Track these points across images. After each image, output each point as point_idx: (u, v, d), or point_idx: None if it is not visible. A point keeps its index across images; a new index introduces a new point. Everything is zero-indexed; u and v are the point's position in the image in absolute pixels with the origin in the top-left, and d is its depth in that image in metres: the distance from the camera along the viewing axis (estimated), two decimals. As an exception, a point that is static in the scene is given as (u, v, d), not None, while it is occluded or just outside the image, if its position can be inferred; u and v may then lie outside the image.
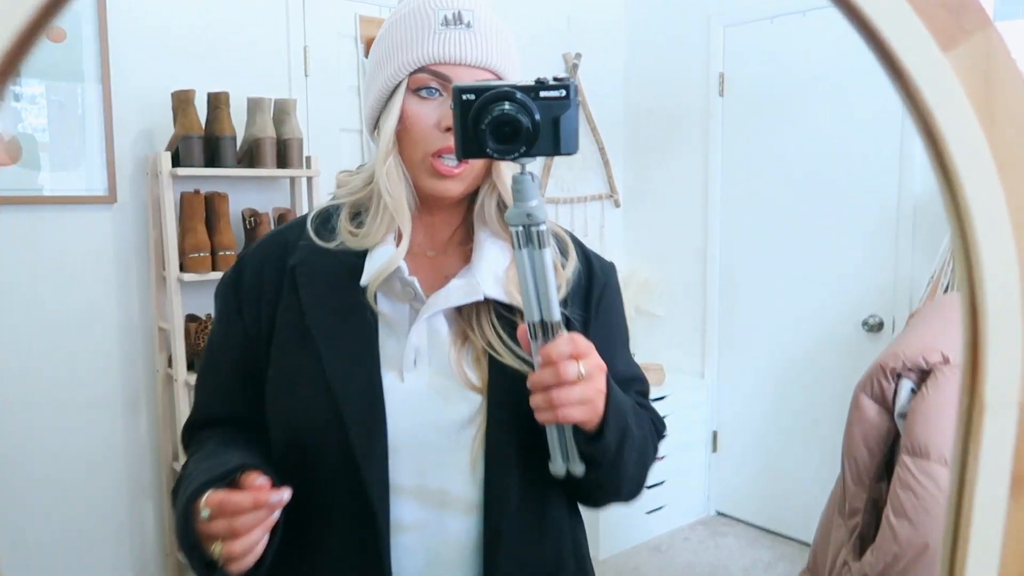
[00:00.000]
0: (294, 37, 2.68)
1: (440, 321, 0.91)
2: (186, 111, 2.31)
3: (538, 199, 0.69)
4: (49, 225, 2.30)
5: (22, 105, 2.23)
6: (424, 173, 0.88)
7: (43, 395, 2.32)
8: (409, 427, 0.87)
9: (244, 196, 2.55)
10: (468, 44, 0.87)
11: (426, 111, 0.87)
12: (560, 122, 0.68)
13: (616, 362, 0.94)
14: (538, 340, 0.74)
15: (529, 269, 0.70)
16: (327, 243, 0.91)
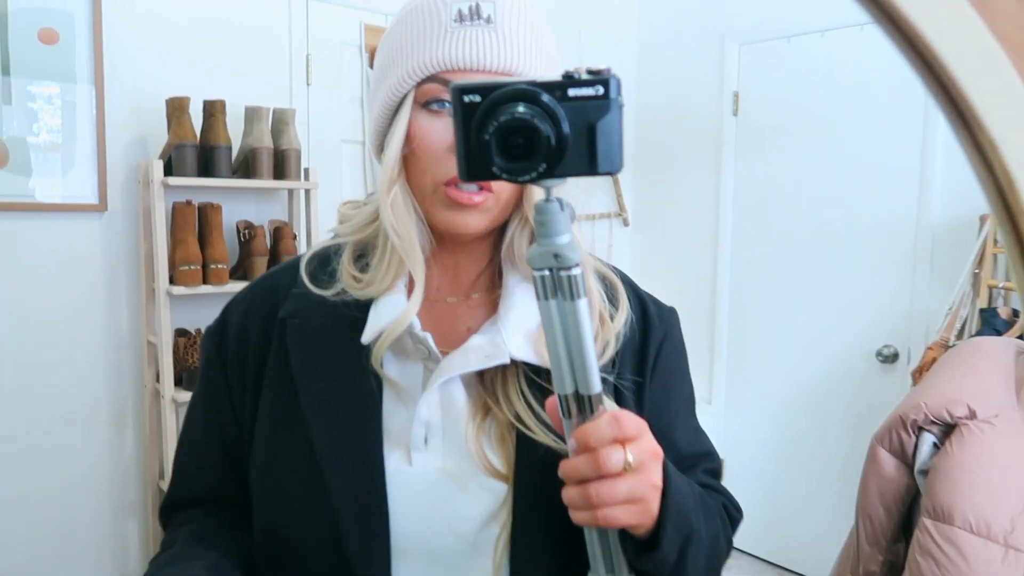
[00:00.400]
0: (296, 45, 2.60)
1: (457, 388, 0.74)
2: (180, 119, 2.23)
3: (569, 234, 0.53)
4: (37, 233, 2.23)
5: (13, 108, 2.16)
6: (437, 204, 0.72)
7: (25, 407, 2.24)
8: (417, 526, 0.71)
9: (239, 208, 2.47)
10: (487, 44, 0.70)
11: (437, 129, 0.71)
12: (597, 130, 0.50)
13: (676, 434, 0.79)
14: (572, 418, 0.57)
15: (558, 326, 0.54)
16: (325, 291, 0.75)
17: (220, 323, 0.82)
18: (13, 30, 2.14)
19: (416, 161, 0.72)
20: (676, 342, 0.84)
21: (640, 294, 0.85)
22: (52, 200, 2.24)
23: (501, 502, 0.72)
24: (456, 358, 0.73)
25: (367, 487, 0.71)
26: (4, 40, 2.13)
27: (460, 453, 0.73)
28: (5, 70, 2.14)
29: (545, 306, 0.54)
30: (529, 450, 0.72)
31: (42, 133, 2.21)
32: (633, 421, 0.58)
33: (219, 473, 0.81)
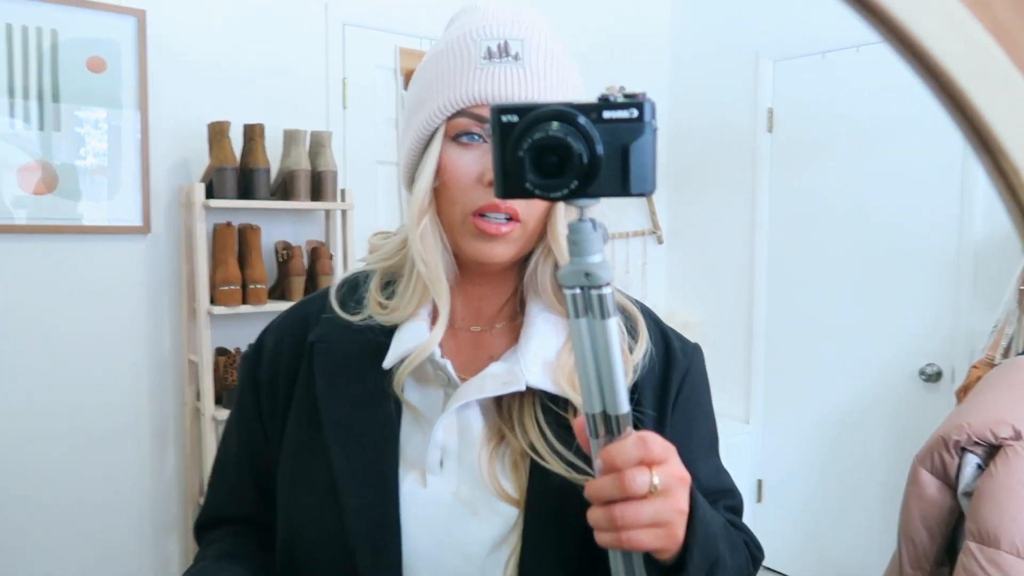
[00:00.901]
0: (333, 69, 2.66)
1: (475, 415, 0.76)
2: (221, 142, 2.29)
3: (601, 254, 0.53)
4: (84, 254, 2.30)
5: (62, 134, 2.23)
6: (466, 235, 0.74)
7: (70, 425, 2.29)
8: (428, 546, 0.73)
9: (277, 229, 2.52)
10: (515, 81, 0.73)
11: (466, 161, 0.73)
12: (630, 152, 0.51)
13: (698, 470, 0.78)
14: (599, 438, 0.57)
15: (588, 344, 0.55)
16: (352, 316, 0.78)
17: (256, 349, 0.85)
18: (63, 59, 2.22)
19: (446, 193, 0.75)
20: (699, 378, 0.84)
21: (663, 328, 0.85)
22: (98, 223, 2.31)
23: (511, 527, 0.73)
24: (473, 384, 0.75)
25: (381, 509, 0.72)
26: (55, 69, 2.21)
27: (474, 478, 0.75)
28: (55, 97, 2.22)
29: (576, 324, 0.55)
30: (541, 477, 0.73)
31: (89, 158, 2.28)
32: (660, 443, 0.58)
33: (249, 494, 0.84)
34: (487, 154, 0.73)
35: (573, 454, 0.73)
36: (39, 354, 2.24)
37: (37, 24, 2.19)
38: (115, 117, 2.31)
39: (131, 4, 2.30)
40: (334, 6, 2.64)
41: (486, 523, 0.73)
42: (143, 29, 2.31)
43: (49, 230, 2.24)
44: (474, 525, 0.73)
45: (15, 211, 2.19)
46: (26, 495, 2.24)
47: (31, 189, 2.21)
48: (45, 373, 2.25)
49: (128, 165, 2.33)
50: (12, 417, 2.22)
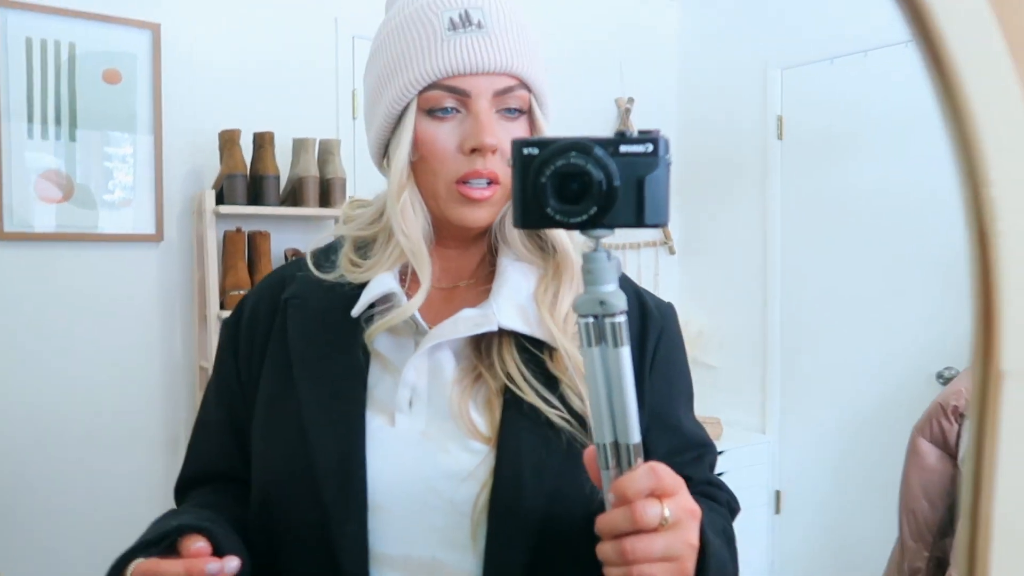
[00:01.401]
0: (343, 80, 2.71)
1: (447, 357, 0.78)
2: (231, 150, 2.34)
3: (615, 284, 0.55)
4: (98, 262, 2.34)
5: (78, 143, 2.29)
6: (451, 203, 0.77)
7: (82, 430, 2.32)
8: (395, 481, 0.73)
9: (287, 235, 2.56)
10: (483, 48, 0.74)
11: (444, 133, 0.76)
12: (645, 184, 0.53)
13: (684, 424, 0.83)
14: (610, 469, 0.57)
15: (601, 373, 0.55)
16: (325, 275, 0.81)
17: (235, 313, 0.88)
18: (80, 71, 2.29)
19: (426, 165, 0.77)
20: (675, 336, 0.86)
21: (638, 290, 0.87)
22: (113, 231, 2.36)
23: (480, 462, 0.73)
24: (446, 326, 0.77)
25: (346, 446, 0.73)
26: (72, 81, 2.28)
27: (443, 417, 0.76)
28: (72, 108, 2.28)
29: (588, 353, 0.56)
30: (515, 414, 0.74)
31: (104, 166, 2.34)
32: (670, 475, 0.57)
33: (228, 452, 0.85)
34: (462, 123, 0.75)
35: (549, 392, 0.75)
36: (53, 359, 2.28)
37: (56, 38, 2.26)
38: (129, 127, 2.37)
39: (147, 18, 2.37)
40: (344, 20, 2.70)
41: (454, 458, 0.74)
42: (158, 42, 2.38)
43: (65, 238, 2.29)
44: (442, 460, 0.74)
45: (33, 219, 2.25)
46: (38, 499, 2.27)
47: (48, 198, 2.26)
48: (58, 378, 2.29)
49: (142, 173, 2.39)
50: (25, 421, 2.25)
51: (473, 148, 0.74)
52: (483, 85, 0.75)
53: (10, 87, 2.20)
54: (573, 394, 0.75)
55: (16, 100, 2.21)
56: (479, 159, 0.74)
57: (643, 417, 0.79)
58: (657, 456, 0.79)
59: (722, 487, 0.85)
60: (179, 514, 0.75)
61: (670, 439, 0.81)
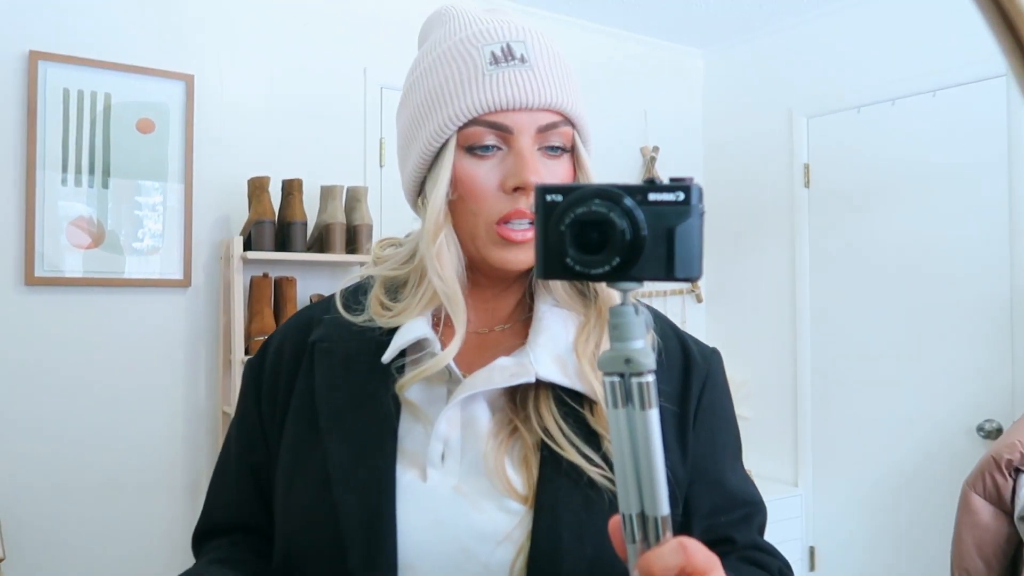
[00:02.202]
0: (371, 129, 2.74)
1: (481, 408, 0.73)
2: (260, 197, 2.36)
3: (643, 340, 0.51)
4: (126, 307, 2.36)
5: (110, 191, 2.32)
6: (490, 245, 0.73)
7: (104, 473, 2.30)
8: (426, 540, 0.68)
9: (313, 282, 2.56)
10: (526, 83, 0.71)
11: (485, 171, 0.72)
12: (675, 235, 0.49)
13: (729, 481, 0.77)
14: (636, 542, 0.53)
15: (627, 437, 0.51)
16: (354, 317, 0.77)
17: (259, 354, 0.84)
18: (115, 121, 2.34)
19: (464, 205, 0.73)
20: (720, 383, 0.81)
21: (680, 334, 0.82)
22: (142, 276, 2.37)
23: (516, 524, 0.68)
24: (481, 376, 0.72)
25: (375, 501, 0.69)
26: (106, 130, 2.32)
27: (478, 473, 0.71)
28: (106, 156, 2.32)
29: (614, 415, 0.51)
30: (553, 472, 0.69)
31: (135, 214, 2.37)
32: (702, 553, 0.52)
33: (248, 501, 0.81)
34: (504, 161, 0.72)
35: (590, 448, 0.70)
36: (78, 401, 2.28)
37: (92, 88, 2.31)
38: (161, 175, 2.40)
39: (181, 69, 2.43)
40: (373, 70, 2.74)
41: (489, 518, 0.69)
42: (191, 92, 2.43)
43: (93, 283, 2.30)
44: (476, 519, 0.69)
45: (63, 265, 2.27)
46: (59, 541, 2.24)
47: (79, 244, 2.29)
48: (82, 420, 2.28)
49: (172, 220, 2.41)
50: (49, 462, 2.24)
51: (516, 187, 0.70)
52: (526, 121, 0.71)
53: (47, 136, 2.25)
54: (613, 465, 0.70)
55: (52, 149, 2.25)
56: (522, 198, 0.71)
57: (686, 471, 0.75)
58: (700, 514, 0.74)
59: (773, 552, 0.79)
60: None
61: (714, 496, 0.76)
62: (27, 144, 2.22)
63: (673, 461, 0.73)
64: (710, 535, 0.75)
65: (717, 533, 0.76)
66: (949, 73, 2.75)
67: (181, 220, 2.42)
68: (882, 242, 2.97)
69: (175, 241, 2.42)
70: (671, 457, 0.73)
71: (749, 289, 3.44)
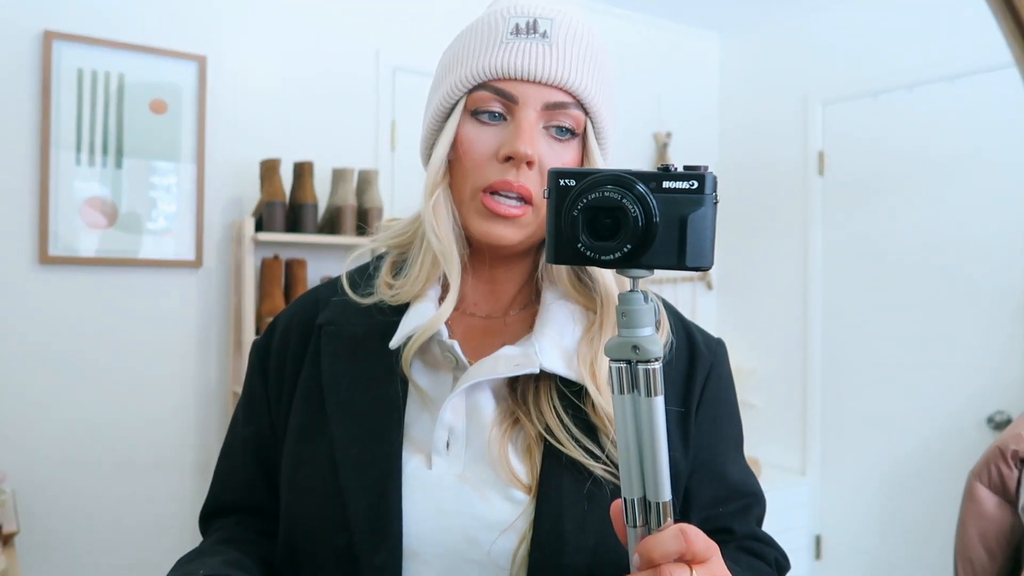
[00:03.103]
0: (383, 112, 2.74)
1: (486, 397, 0.73)
2: (272, 179, 2.36)
3: (652, 328, 0.51)
4: (139, 287, 2.38)
5: (123, 171, 2.34)
6: (473, 212, 0.72)
7: (116, 451, 2.34)
8: (431, 529, 0.69)
9: (323, 264, 2.57)
10: (540, 56, 0.70)
11: (483, 137, 0.71)
12: (688, 224, 0.50)
13: (729, 471, 0.78)
14: (637, 527, 0.54)
15: (631, 423, 0.52)
16: (362, 299, 0.77)
17: (266, 335, 0.84)
18: (128, 101, 2.35)
19: (460, 167, 0.73)
20: (724, 375, 0.81)
21: (687, 324, 0.82)
22: (154, 256, 2.39)
23: (520, 513, 0.69)
24: (485, 364, 0.72)
25: (381, 488, 0.69)
26: (120, 110, 2.34)
27: (482, 461, 0.71)
28: (119, 137, 2.33)
29: (620, 401, 0.52)
30: (555, 464, 0.69)
31: (148, 194, 2.38)
32: (702, 539, 0.53)
33: (253, 482, 0.81)
34: (505, 130, 0.71)
35: (590, 441, 0.71)
36: (91, 381, 2.31)
37: (106, 69, 2.32)
38: (174, 156, 2.41)
39: (194, 50, 2.43)
40: (385, 52, 2.74)
41: (493, 507, 0.69)
42: (203, 73, 2.43)
43: (107, 263, 2.32)
44: (480, 508, 0.69)
45: (77, 244, 2.29)
46: (74, 517, 2.28)
47: (93, 224, 2.31)
48: (94, 398, 2.31)
49: (184, 201, 2.43)
50: (63, 440, 2.27)
51: (507, 156, 0.70)
52: (532, 94, 0.71)
53: (61, 116, 2.26)
54: (614, 446, 0.70)
55: (66, 129, 2.27)
56: (512, 170, 0.70)
57: (688, 461, 0.75)
58: (699, 504, 0.75)
59: (770, 543, 0.79)
60: (203, 556, 0.72)
61: (714, 487, 0.77)
62: (41, 124, 2.23)
63: (675, 451, 0.73)
64: (709, 525, 0.76)
65: (716, 523, 0.76)
66: (968, 59, 2.71)
67: (193, 201, 2.44)
68: (896, 232, 2.95)
69: (187, 222, 2.43)
70: (673, 446, 0.73)
71: (761, 277, 3.43)
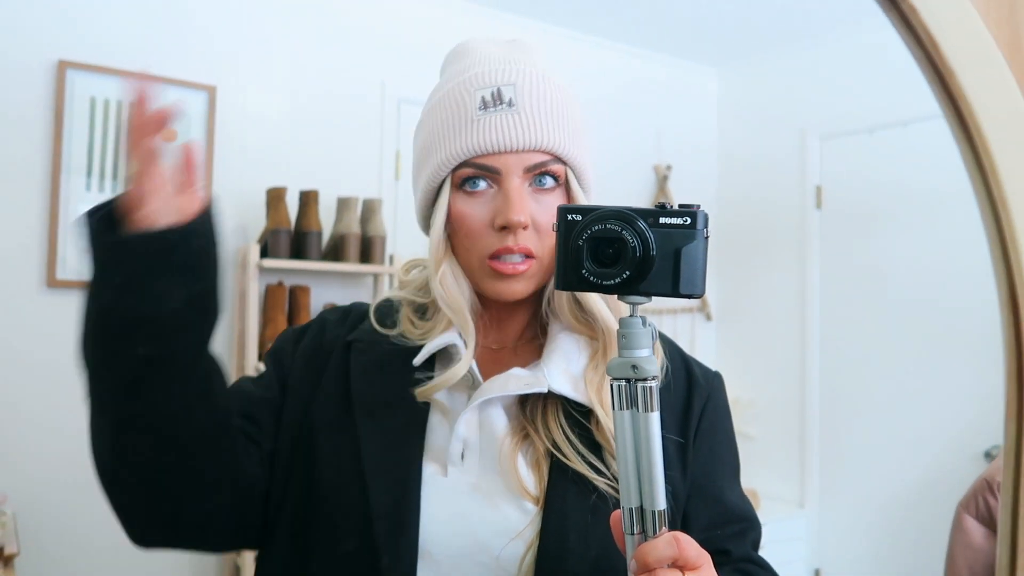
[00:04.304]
0: (387, 142, 2.79)
1: (497, 413, 0.78)
2: (277, 207, 2.41)
3: (649, 350, 0.57)
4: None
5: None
6: (484, 277, 0.78)
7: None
8: (446, 532, 0.74)
9: (327, 291, 2.60)
10: (511, 127, 0.75)
11: (475, 209, 0.77)
12: (681, 256, 0.56)
13: (727, 496, 0.82)
14: (634, 534, 0.58)
15: (630, 437, 0.57)
16: (387, 330, 0.83)
17: (305, 325, 0.89)
18: (138, 129, 2.39)
19: (460, 239, 0.79)
20: (721, 405, 0.86)
21: (685, 357, 0.87)
22: (159, 281, 2.42)
23: (528, 522, 0.73)
24: (497, 382, 0.78)
25: (402, 488, 0.74)
26: (130, 138, 2.38)
27: (494, 473, 0.76)
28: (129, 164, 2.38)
29: (620, 416, 0.58)
30: (561, 478, 0.74)
31: (156, 220, 2.42)
32: (694, 547, 0.57)
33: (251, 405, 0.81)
34: (494, 199, 0.77)
35: (595, 458, 0.75)
36: (94, 404, 2.33)
37: (118, 97, 2.38)
38: (182, 183, 2.45)
39: (204, 80, 2.49)
40: (390, 84, 2.80)
41: (503, 515, 0.74)
42: (213, 103, 2.49)
43: (113, 286, 2.36)
44: (491, 515, 0.74)
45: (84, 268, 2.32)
46: (75, 539, 2.28)
47: (101, 248, 2.34)
48: (98, 423, 2.33)
49: (191, 227, 2.46)
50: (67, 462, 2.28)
51: (503, 226, 0.75)
52: (512, 163, 0.76)
53: (72, 143, 2.31)
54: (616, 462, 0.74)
55: (77, 155, 2.32)
56: (510, 236, 0.75)
57: (685, 486, 0.79)
58: (697, 527, 0.78)
59: (764, 566, 0.82)
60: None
61: (711, 511, 0.80)
62: (53, 150, 2.28)
63: (674, 476, 0.77)
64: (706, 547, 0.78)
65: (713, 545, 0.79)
66: (962, 98, 2.76)
67: (200, 227, 2.47)
68: (893, 265, 2.98)
69: (193, 248, 2.47)
70: (672, 472, 0.77)
71: (759, 309, 3.46)
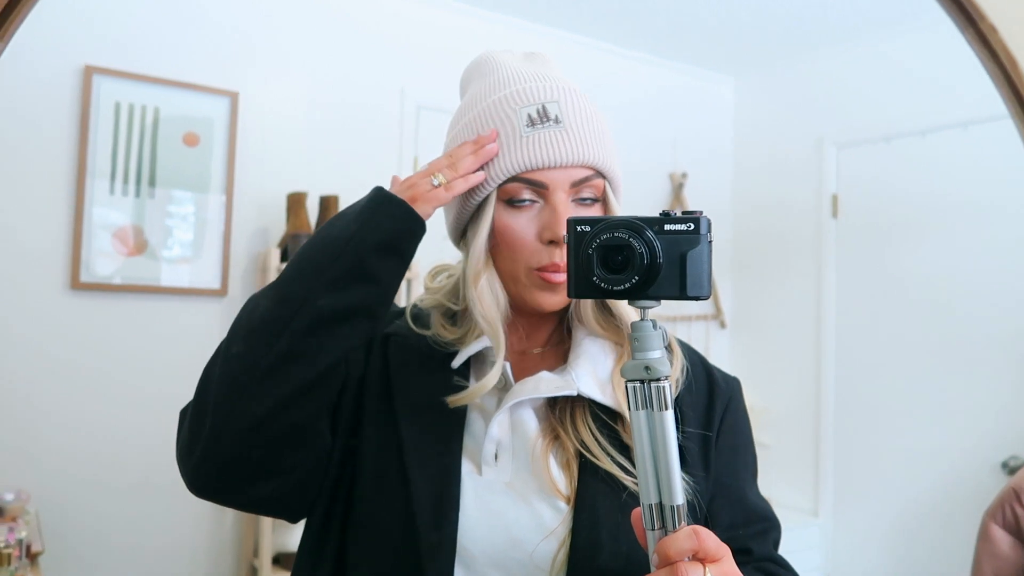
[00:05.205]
0: (406, 148, 2.81)
1: (528, 415, 0.81)
2: (298, 211, 2.43)
3: (661, 351, 0.60)
4: (165, 314, 2.43)
5: (156, 201, 2.41)
6: (531, 287, 0.80)
7: (140, 473, 2.37)
8: (482, 529, 0.76)
9: (345, 295, 2.62)
10: (560, 144, 0.78)
11: (523, 223, 0.79)
12: (686, 259, 0.59)
13: (749, 496, 0.84)
14: (655, 530, 0.60)
15: (646, 435, 0.59)
16: (422, 330, 0.85)
17: None
18: (162, 134, 2.43)
19: (505, 251, 0.80)
20: (740, 408, 0.88)
21: (705, 361, 0.90)
22: (180, 284, 2.45)
23: (560, 520, 0.75)
24: (528, 384, 0.80)
25: (443, 482, 0.77)
26: (154, 142, 2.42)
27: (527, 472, 0.78)
28: (152, 168, 2.41)
29: (635, 416, 0.60)
30: (591, 478, 0.77)
31: (177, 224, 2.45)
32: (713, 540, 0.59)
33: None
34: (540, 213, 0.79)
35: (624, 458, 0.77)
36: (117, 404, 2.35)
37: (142, 102, 2.41)
38: (204, 187, 2.49)
39: (227, 86, 2.52)
40: (410, 90, 2.82)
41: (536, 514, 0.76)
42: (235, 108, 2.52)
43: (136, 289, 2.39)
44: (525, 513, 0.76)
45: (108, 271, 2.35)
46: (97, 537, 2.31)
47: (123, 252, 2.37)
48: (121, 422, 2.36)
49: (212, 232, 2.49)
50: (88, 461, 2.31)
51: (551, 239, 0.77)
52: (560, 178, 0.78)
53: (97, 147, 2.34)
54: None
55: (102, 159, 2.35)
56: (556, 250, 0.77)
57: (708, 486, 0.81)
58: (720, 527, 0.80)
59: (786, 566, 0.83)
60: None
61: (734, 511, 0.82)
62: (78, 154, 2.31)
63: (697, 477, 0.79)
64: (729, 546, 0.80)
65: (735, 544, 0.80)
66: (979, 107, 2.76)
67: (221, 231, 2.50)
68: (909, 275, 2.98)
69: (214, 251, 2.50)
70: (696, 472, 0.79)
71: (774, 317, 3.46)
